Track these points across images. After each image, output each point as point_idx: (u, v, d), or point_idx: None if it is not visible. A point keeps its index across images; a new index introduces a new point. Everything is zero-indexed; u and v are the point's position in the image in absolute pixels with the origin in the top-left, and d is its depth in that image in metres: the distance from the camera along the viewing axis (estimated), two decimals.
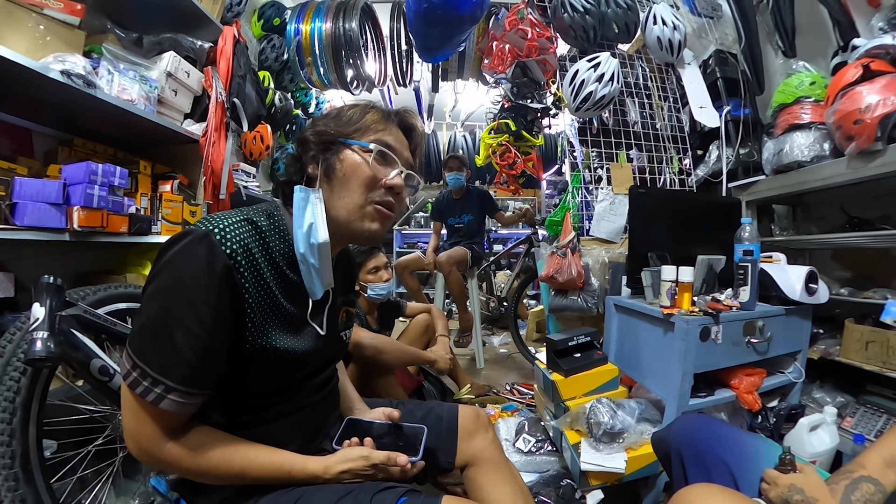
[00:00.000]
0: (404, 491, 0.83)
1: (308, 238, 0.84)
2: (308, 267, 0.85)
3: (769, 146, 2.17)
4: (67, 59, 1.52)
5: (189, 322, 0.72)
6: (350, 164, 0.87)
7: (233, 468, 0.79)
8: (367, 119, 0.91)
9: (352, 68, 2.87)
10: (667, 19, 2.41)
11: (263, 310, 0.80)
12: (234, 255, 0.75)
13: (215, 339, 0.74)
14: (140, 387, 0.72)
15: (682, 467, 1.02)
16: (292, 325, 0.86)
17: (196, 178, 2.20)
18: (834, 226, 2.17)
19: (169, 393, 0.72)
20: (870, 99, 1.65)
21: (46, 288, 1.14)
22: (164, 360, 0.72)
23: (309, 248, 0.84)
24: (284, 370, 0.87)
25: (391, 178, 0.88)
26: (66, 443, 1.34)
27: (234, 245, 0.76)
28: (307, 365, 0.92)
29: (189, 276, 0.73)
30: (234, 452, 0.80)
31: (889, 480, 0.77)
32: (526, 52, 2.38)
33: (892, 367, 1.63)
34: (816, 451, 1.51)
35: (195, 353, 0.73)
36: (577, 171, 2.46)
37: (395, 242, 6.72)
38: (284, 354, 0.83)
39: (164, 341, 0.72)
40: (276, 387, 0.88)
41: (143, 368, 0.72)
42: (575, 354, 1.90)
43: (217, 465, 0.78)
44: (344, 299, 1.07)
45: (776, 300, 1.72)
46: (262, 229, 0.82)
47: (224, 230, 0.76)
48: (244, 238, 0.78)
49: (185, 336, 0.72)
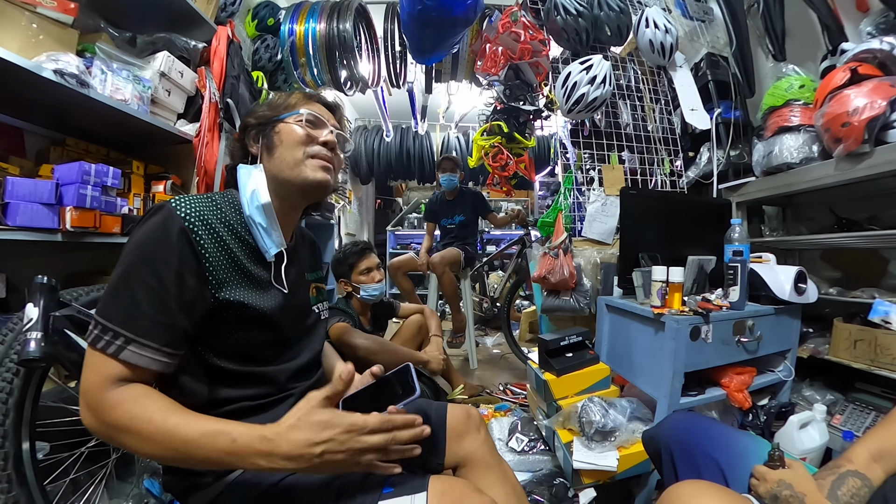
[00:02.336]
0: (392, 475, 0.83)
1: (252, 202, 0.93)
2: (257, 227, 0.93)
3: (759, 148, 2.19)
4: (60, 58, 1.52)
5: (148, 279, 0.77)
6: (285, 132, 0.99)
7: (168, 422, 0.71)
8: (292, 99, 1.05)
9: (345, 69, 2.87)
10: (659, 23, 2.43)
11: (226, 268, 0.87)
12: (188, 218, 0.83)
13: (174, 296, 0.79)
14: (101, 341, 0.75)
15: (673, 465, 1.03)
16: (257, 285, 0.92)
17: (189, 179, 2.19)
18: (823, 226, 2.20)
19: (129, 344, 0.75)
20: (857, 102, 1.67)
21: (40, 288, 1.13)
22: (125, 313, 0.76)
23: (255, 210, 0.93)
24: (251, 327, 0.90)
25: (325, 136, 1.01)
26: (59, 444, 1.34)
27: (188, 211, 0.84)
28: (275, 326, 0.94)
29: (147, 239, 0.80)
30: (176, 410, 0.74)
31: (875, 475, 0.78)
32: (519, 54, 2.40)
33: (880, 365, 1.65)
34: (806, 448, 1.53)
35: (154, 306, 0.77)
36: (570, 172, 2.47)
37: (388, 243, 6.73)
38: (249, 309, 0.88)
39: (125, 297, 0.77)
40: (247, 348, 0.91)
41: (105, 324, 0.76)
42: (567, 354, 1.91)
43: (151, 417, 0.72)
44: (313, 276, 1.16)
45: (766, 300, 1.74)
46: (218, 203, 0.92)
47: (179, 201, 0.85)
48: (199, 208, 0.86)
49: (144, 291, 0.77)
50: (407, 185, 7.99)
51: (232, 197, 0.97)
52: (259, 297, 0.91)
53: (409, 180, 6.62)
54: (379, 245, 6.58)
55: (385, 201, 7.65)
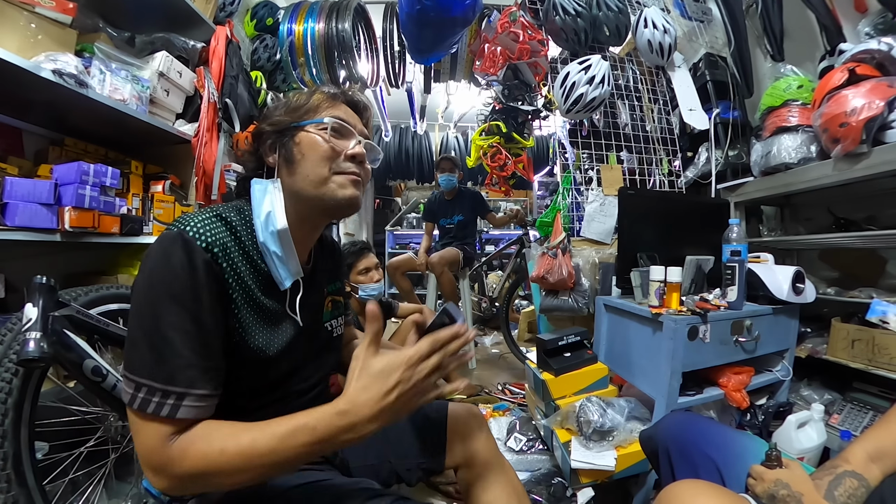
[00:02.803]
0: (394, 499, 0.83)
1: (266, 227, 0.83)
2: (271, 256, 0.83)
3: (757, 148, 2.20)
4: (59, 58, 1.52)
5: (182, 322, 0.69)
6: (308, 143, 0.87)
7: (241, 443, 0.68)
8: (314, 100, 0.91)
9: (344, 69, 2.87)
10: (658, 23, 2.44)
11: (244, 303, 0.79)
12: (210, 248, 0.74)
13: (213, 334, 0.73)
14: (151, 405, 0.67)
15: (670, 464, 1.03)
16: (270, 320, 0.84)
17: (188, 179, 2.19)
18: (821, 226, 2.20)
19: (183, 400, 0.68)
20: (855, 102, 1.67)
21: (39, 288, 1.13)
22: (168, 367, 0.68)
23: (269, 236, 0.83)
24: (258, 371, 0.83)
25: (352, 148, 0.89)
26: (58, 444, 1.34)
27: (209, 238, 0.74)
28: (284, 362, 0.87)
29: (172, 277, 0.70)
30: (241, 429, 0.70)
31: (872, 475, 0.78)
32: (517, 54, 2.40)
33: (877, 365, 1.66)
34: (804, 448, 1.53)
35: (196, 352, 0.70)
36: (568, 172, 2.48)
37: (387, 243, 6.71)
38: (256, 353, 0.81)
39: (163, 349, 0.69)
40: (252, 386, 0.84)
41: (150, 385, 0.68)
42: (565, 354, 1.92)
43: (223, 447, 0.68)
44: (330, 288, 1.05)
45: (764, 300, 1.74)
46: (233, 224, 0.81)
47: (196, 227, 0.74)
48: (217, 233, 0.76)
49: (182, 338, 0.69)
50: (406, 185, 7.97)
51: (249, 217, 0.86)
52: (270, 333, 0.84)
53: (408, 180, 6.62)
54: (378, 245, 6.58)
55: (384, 201, 7.64)
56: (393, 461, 1.08)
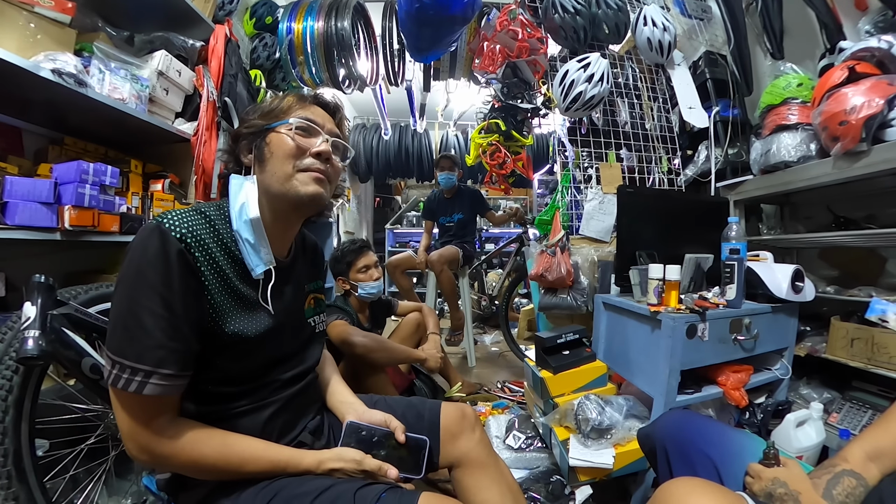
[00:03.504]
0: (385, 488, 0.84)
1: (240, 216, 0.90)
2: (244, 243, 0.90)
3: (757, 146, 2.19)
4: (58, 57, 1.52)
5: (154, 306, 0.76)
6: (276, 143, 0.94)
7: (231, 463, 0.83)
8: (285, 103, 0.99)
9: (343, 67, 2.87)
10: (657, 21, 2.43)
11: (220, 291, 0.85)
12: (184, 238, 0.80)
13: (183, 318, 0.78)
14: (121, 381, 0.75)
15: (668, 462, 1.04)
16: (247, 307, 0.90)
17: (187, 178, 2.19)
18: (820, 225, 2.20)
19: (150, 378, 0.75)
20: (855, 101, 1.67)
21: (38, 287, 1.14)
22: (138, 346, 0.75)
23: (242, 224, 0.89)
24: (237, 356, 0.88)
25: (317, 146, 0.95)
26: (59, 442, 1.34)
27: (182, 230, 0.81)
28: (264, 350, 0.93)
29: (146, 264, 0.77)
30: (231, 447, 0.84)
31: (870, 474, 0.78)
32: (516, 52, 2.39)
33: (876, 364, 1.66)
34: (803, 447, 1.54)
35: (165, 333, 0.76)
36: (567, 170, 2.47)
37: (386, 241, 6.73)
38: (234, 338, 0.86)
39: (135, 329, 0.76)
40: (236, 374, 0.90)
41: (121, 362, 0.75)
42: (564, 352, 1.92)
43: (215, 461, 0.82)
44: (312, 286, 1.12)
45: (763, 298, 1.75)
46: (211, 217, 0.88)
47: (172, 219, 0.81)
48: (192, 225, 0.83)
49: (153, 320, 0.76)
50: (405, 184, 7.99)
51: (227, 211, 0.93)
52: (246, 322, 0.89)
53: (408, 178, 6.61)
54: (377, 243, 6.59)
55: (384, 199, 7.65)
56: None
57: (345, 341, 1.95)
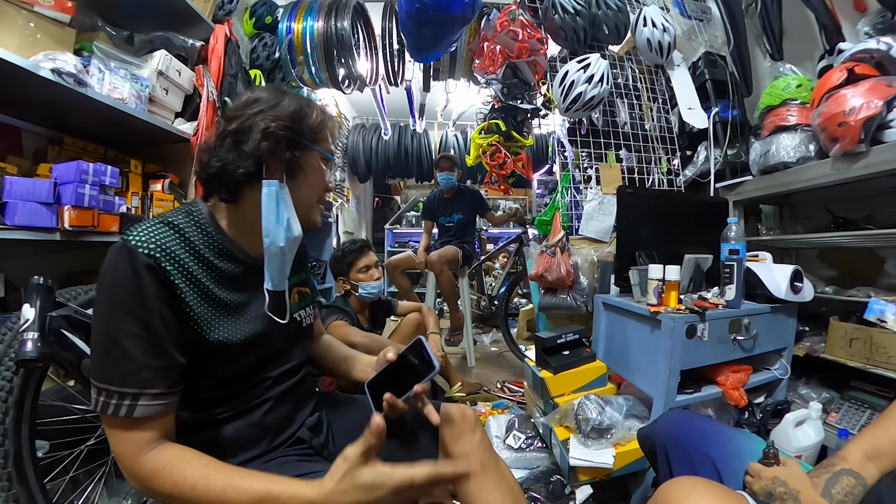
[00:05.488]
0: None
1: (287, 232, 0.88)
2: (283, 258, 0.89)
3: (756, 147, 2.20)
4: (58, 57, 1.52)
5: (131, 327, 0.74)
6: (315, 169, 0.94)
7: (213, 488, 0.71)
8: (329, 128, 0.97)
9: (343, 67, 2.87)
10: (657, 21, 2.44)
11: (198, 301, 0.83)
12: (153, 253, 0.77)
13: (163, 336, 0.77)
14: (110, 406, 0.73)
15: (668, 462, 1.04)
16: (229, 313, 0.87)
17: (187, 178, 2.19)
18: (819, 225, 2.21)
19: (138, 400, 0.74)
20: (854, 102, 1.67)
21: (36, 289, 1.13)
22: (121, 370, 0.74)
23: (286, 240, 0.88)
24: (225, 362, 0.87)
25: (330, 181, 0.99)
26: (59, 443, 1.34)
27: (150, 245, 0.77)
28: (253, 353, 0.91)
29: (118, 287, 0.75)
30: (217, 472, 0.74)
31: (869, 473, 0.78)
32: (516, 53, 2.40)
33: (875, 364, 1.66)
34: (802, 446, 1.54)
35: (146, 353, 0.75)
36: (567, 170, 2.48)
37: (386, 241, 6.72)
38: (219, 346, 0.84)
39: (115, 354, 0.74)
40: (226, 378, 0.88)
41: (107, 388, 0.73)
42: (564, 352, 1.92)
43: (194, 484, 0.72)
44: (295, 280, 1.08)
45: (762, 298, 1.75)
46: (179, 226, 0.84)
47: (138, 236, 0.78)
48: (160, 238, 0.79)
49: (132, 341, 0.74)
50: (405, 184, 7.99)
51: (200, 217, 0.89)
52: (231, 327, 0.87)
53: (407, 178, 6.62)
54: (377, 243, 6.58)
55: (383, 199, 7.65)
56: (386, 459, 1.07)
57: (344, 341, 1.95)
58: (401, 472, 0.71)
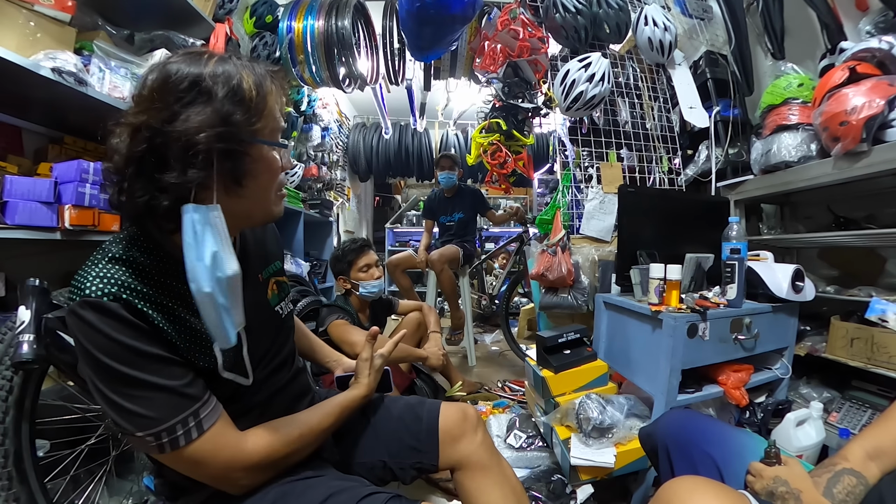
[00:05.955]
0: (389, 497, 0.82)
1: (214, 272, 0.67)
2: (216, 308, 0.69)
3: (757, 146, 2.19)
4: (58, 56, 1.51)
5: (145, 369, 0.70)
6: (264, 163, 0.77)
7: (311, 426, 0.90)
8: (268, 95, 0.77)
9: (344, 66, 2.87)
10: (658, 20, 2.43)
11: (176, 331, 0.75)
12: (118, 295, 0.68)
13: (167, 358, 0.73)
14: (181, 439, 0.71)
15: (669, 461, 1.04)
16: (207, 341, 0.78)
17: None
18: (820, 225, 2.20)
19: (197, 417, 0.73)
20: (855, 101, 1.67)
21: (31, 290, 1.12)
22: (162, 404, 0.71)
23: (216, 284, 0.68)
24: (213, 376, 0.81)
25: (286, 159, 0.83)
26: (59, 442, 1.34)
27: (111, 289, 0.68)
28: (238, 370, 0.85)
29: (106, 345, 0.68)
30: (299, 417, 0.91)
31: (871, 473, 0.78)
32: (517, 51, 2.39)
33: (876, 363, 1.66)
34: (803, 446, 1.54)
35: (171, 378, 0.72)
36: (568, 170, 2.47)
37: (387, 241, 6.72)
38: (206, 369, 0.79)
39: (142, 400, 0.69)
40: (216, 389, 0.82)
41: (159, 430, 0.70)
42: (565, 351, 1.92)
43: (301, 433, 0.87)
44: (269, 271, 1.00)
45: (763, 298, 1.75)
46: (129, 259, 0.73)
47: (93, 286, 0.68)
48: (116, 279, 0.69)
49: (154, 376, 0.70)
50: (406, 183, 7.99)
51: (141, 241, 0.76)
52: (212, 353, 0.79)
53: (408, 177, 6.63)
54: (377, 242, 6.58)
55: (384, 198, 7.66)
56: (387, 460, 1.07)
57: (345, 341, 1.95)
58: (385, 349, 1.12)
